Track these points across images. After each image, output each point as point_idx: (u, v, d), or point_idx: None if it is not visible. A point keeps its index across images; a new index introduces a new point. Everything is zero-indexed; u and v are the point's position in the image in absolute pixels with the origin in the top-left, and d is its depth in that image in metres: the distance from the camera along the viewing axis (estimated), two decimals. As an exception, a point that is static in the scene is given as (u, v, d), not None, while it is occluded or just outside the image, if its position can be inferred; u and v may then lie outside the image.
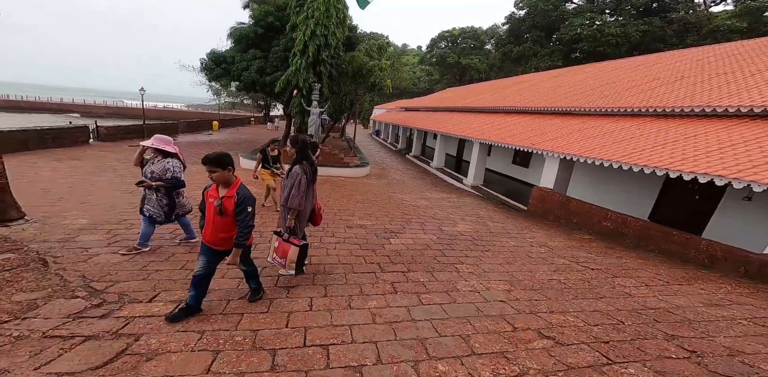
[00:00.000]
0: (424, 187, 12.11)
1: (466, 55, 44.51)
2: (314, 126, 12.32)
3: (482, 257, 4.91)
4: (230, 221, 2.65)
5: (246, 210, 2.60)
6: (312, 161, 3.71)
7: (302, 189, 3.48)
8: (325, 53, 12.06)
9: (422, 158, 19.57)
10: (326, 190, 9.43)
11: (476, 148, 11.84)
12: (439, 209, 8.14)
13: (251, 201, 2.65)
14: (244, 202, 2.60)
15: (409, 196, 9.73)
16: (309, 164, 3.63)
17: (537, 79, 17.85)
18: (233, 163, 2.64)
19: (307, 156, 3.63)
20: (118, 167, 10.69)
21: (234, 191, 2.61)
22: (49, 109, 49.40)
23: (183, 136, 23.28)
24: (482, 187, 12.02)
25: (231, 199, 2.59)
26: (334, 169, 12.19)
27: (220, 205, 2.57)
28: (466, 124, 14.16)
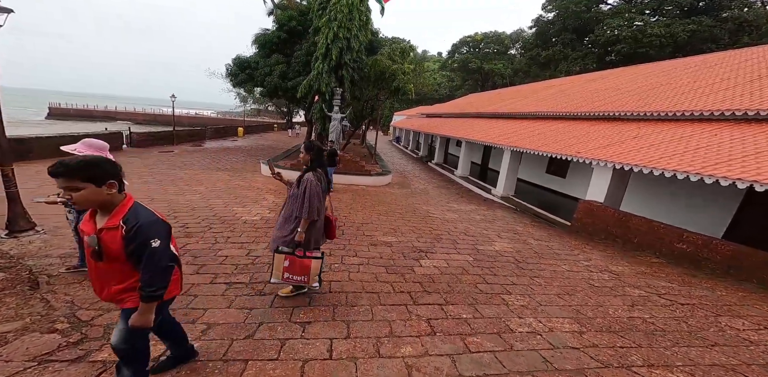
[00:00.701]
0: (449, 197, 11.36)
1: (490, 61, 43.57)
2: (335, 132, 11.91)
3: (533, 285, 4.14)
4: (123, 267, 1.64)
5: (148, 246, 1.57)
6: (326, 169, 3.24)
7: (316, 198, 2.96)
8: (348, 57, 11.70)
9: (445, 166, 18.79)
10: (347, 200, 8.89)
11: (507, 156, 11.01)
12: (470, 223, 7.37)
13: (156, 229, 1.62)
14: (139, 234, 1.56)
15: (435, 208, 9.02)
16: (323, 172, 3.13)
17: (571, 82, 16.79)
18: (118, 172, 1.65)
19: (322, 163, 3.17)
20: (144, 173, 10.64)
21: (119, 219, 1.58)
22: (96, 117, 52.29)
23: (210, 141, 23.69)
24: (513, 198, 11.12)
25: (115, 233, 1.56)
26: (355, 177, 11.67)
27: (96, 245, 1.55)
28: (495, 131, 13.34)
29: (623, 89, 11.07)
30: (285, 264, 3.02)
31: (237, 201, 7.62)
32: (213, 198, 7.63)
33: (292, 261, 3.01)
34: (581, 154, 7.07)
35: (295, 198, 2.99)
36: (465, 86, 50.64)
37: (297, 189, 3.00)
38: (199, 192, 8.28)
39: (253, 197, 8.19)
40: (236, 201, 7.61)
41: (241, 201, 7.56)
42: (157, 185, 8.77)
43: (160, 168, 11.86)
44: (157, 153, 15.70)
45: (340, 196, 9.35)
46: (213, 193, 8.22)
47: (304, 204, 2.90)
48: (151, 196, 7.36)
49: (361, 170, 12.09)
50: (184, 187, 8.83)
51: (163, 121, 51.18)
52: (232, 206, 7.07)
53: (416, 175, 16.25)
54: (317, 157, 3.12)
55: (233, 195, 8.24)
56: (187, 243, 4.62)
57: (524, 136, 10.89)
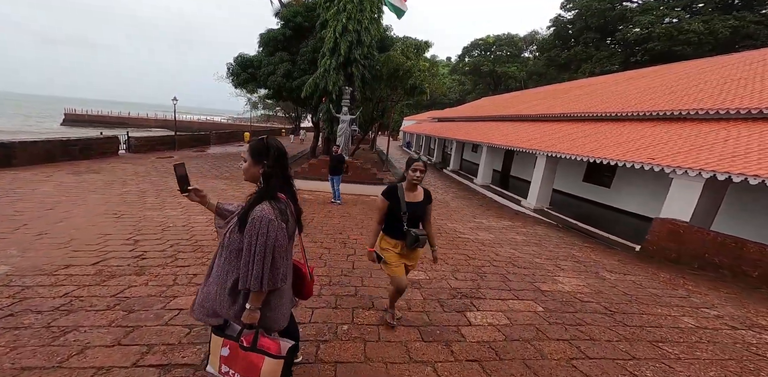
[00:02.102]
0: (474, 210, 9.86)
1: (502, 63, 42.16)
2: (344, 136, 10.59)
3: (664, 359, 2.60)
4: None
5: None
6: (293, 192, 1.69)
7: (280, 256, 1.51)
8: (358, 52, 10.44)
9: (462, 173, 17.30)
10: (357, 215, 7.48)
11: (542, 163, 9.50)
12: (513, 247, 5.87)
13: None
14: None
15: (462, 225, 7.54)
16: (290, 198, 1.64)
17: (603, 82, 15.24)
18: None
19: (287, 182, 1.64)
20: (132, 181, 9.47)
21: None
22: (110, 122, 51.89)
23: (214, 147, 22.75)
24: (549, 211, 9.57)
25: None
26: (366, 187, 10.28)
27: None
28: (522, 134, 11.86)
29: (677, 86, 9.51)
30: (223, 352, 1.59)
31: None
32: (196, 214, 6.31)
33: (233, 352, 1.57)
34: (657, 161, 5.54)
35: (236, 253, 1.52)
36: (476, 90, 49.25)
37: (239, 237, 1.51)
38: (183, 205, 6.98)
39: (245, 212, 6.85)
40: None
41: (229, 218, 6.22)
42: (136, 196, 7.52)
43: (150, 175, 10.69)
44: (155, 159, 14.64)
45: (349, 210, 7.96)
46: (198, 207, 6.90)
47: (254, 266, 1.44)
48: (120, 211, 6.06)
49: (372, 178, 10.71)
50: (168, 198, 7.56)
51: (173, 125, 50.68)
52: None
53: (431, 182, 14.78)
54: (276, 169, 1.57)
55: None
56: (131, 285, 3.24)
57: (561, 139, 9.38)
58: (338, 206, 8.31)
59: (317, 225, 6.33)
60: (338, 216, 7.27)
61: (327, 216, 7.12)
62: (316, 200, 8.85)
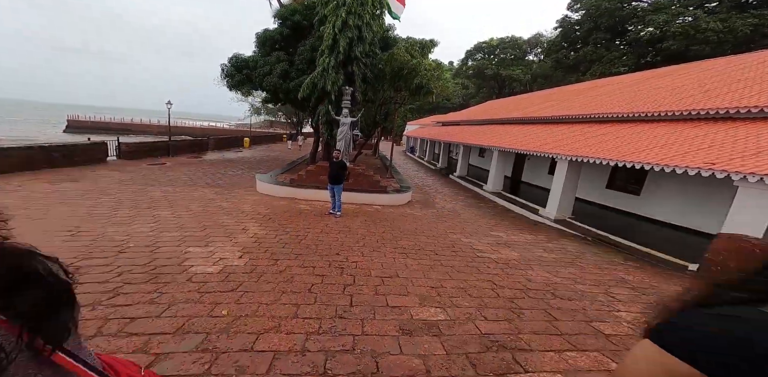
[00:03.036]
0: (488, 220, 8.91)
1: (507, 66, 41.51)
2: (344, 140, 9.71)
3: None
4: None
5: None
6: None
7: None
8: (359, 49, 9.63)
9: (469, 179, 16.36)
10: (358, 229, 6.55)
11: (563, 169, 8.57)
12: (546, 268, 4.92)
13: None
14: None
15: (479, 239, 6.59)
16: None
17: (620, 82, 14.36)
18: None
19: None
20: (111, 190, 8.66)
21: None
22: (112, 129, 51.09)
23: (212, 153, 22.01)
24: (572, 221, 8.60)
25: None
26: (369, 196, 9.37)
27: None
28: (536, 137, 10.96)
29: (712, 84, 8.59)
30: None
31: (203, 234, 5.38)
32: (169, 231, 5.43)
33: None
34: (720, 166, 4.60)
35: None
36: (480, 94, 48.57)
37: None
38: (157, 219, 6.11)
39: (229, 227, 5.94)
40: (201, 234, 5.37)
41: (207, 236, 5.32)
42: (107, 208, 6.66)
43: (134, 184, 9.87)
44: (146, 166, 13.87)
45: (350, 223, 7.04)
46: (175, 221, 6.03)
47: None
48: (79, 227, 5.19)
49: (375, 186, 9.81)
50: (144, 211, 6.69)
51: (178, 132, 49.99)
52: (189, 244, 4.82)
53: (438, 190, 13.87)
54: None
55: (203, 224, 6.02)
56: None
57: (583, 142, 8.46)
58: (337, 218, 7.40)
59: (311, 243, 5.42)
60: (336, 230, 6.36)
61: (324, 232, 6.21)
62: (312, 211, 7.95)
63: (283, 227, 6.31)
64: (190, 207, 7.32)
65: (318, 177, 9.50)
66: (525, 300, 3.74)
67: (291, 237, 5.71)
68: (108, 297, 3.04)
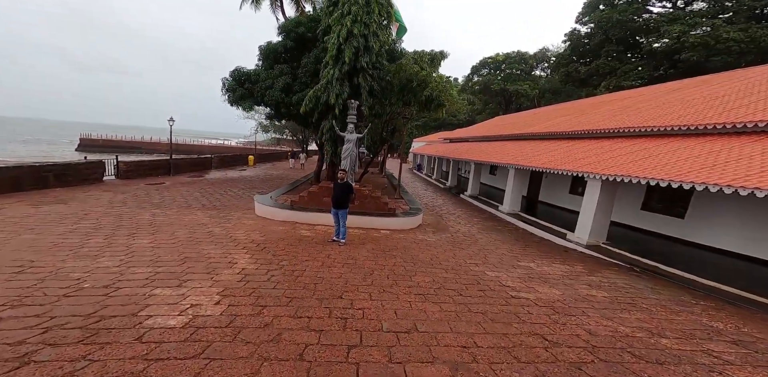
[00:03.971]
0: (511, 246, 7.89)
1: (513, 81, 41.31)
2: (349, 158, 8.96)
3: None
4: None
5: None
6: None
7: None
8: (365, 59, 9.05)
9: (482, 199, 15.39)
10: (365, 262, 5.61)
11: (595, 189, 7.61)
12: (603, 313, 3.88)
13: None
14: None
15: (507, 272, 5.59)
16: None
17: (642, 94, 13.58)
18: None
19: None
20: (96, 214, 7.95)
21: None
22: (122, 147, 51.68)
23: (215, 171, 21.53)
24: (607, 247, 7.54)
25: None
26: (376, 219, 8.46)
27: None
28: (555, 154, 10.08)
29: (763, 93, 7.72)
30: None
31: (179, 270, 4.49)
32: (140, 265, 4.56)
33: None
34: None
35: None
36: (487, 110, 48.30)
37: None
38: (131, 250, 5.27)
39: (213, 260, 5.06)
40: (177, 270, 4.48)
41: (184, 272, 4.43)
42: (80, 236, 5.87)
43: (124, 206, 9.16)
44: (143, 185, 13.27)
45: (355, 253, 6.10)
46: (151, 253, 5.17)
47: None
48: (33, 261, 4.36)
49: (383, 209, 8.91)
50: (120, 239, 5.87)
51: (186, 150, 50.39)
52: (158, 283, 3.94)
53: (450, 210, 12.90)
54: None
55: (184, 256, 5.16)
56: None
57: (619, 159, 7.53)
58: (341, 247, 6.48)
59: (309, 281, 4.49)
60: (340, 263, 5.43)
61: (325, 265, 5.29)
62: (314, 238, 7.05)
63: (278, 259, 5.41)
64: (175, 234, 6.49)
65: (321, 199, 8.67)
66: (596, 365, 2.72)
67: (285, 273, 4.80)
68: (7, 370, 2.13)
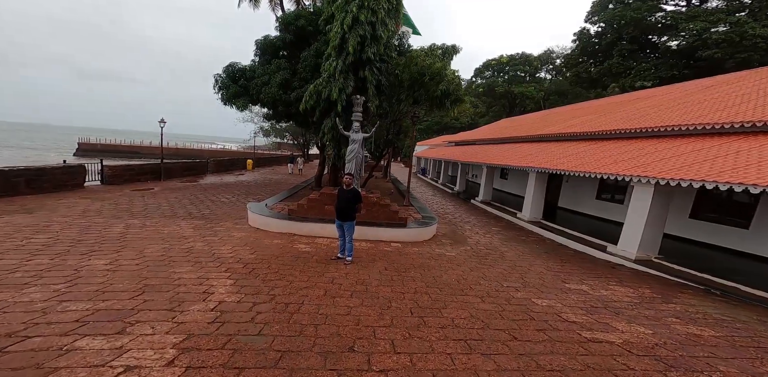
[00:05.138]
0: (544, 261, 6.71)
1: (518, 84, 40.41)
2: (354, 160, 7.83)
3: None
4: None
5: None
6: None
7: None
8: (372, 50, 7.98)
9: (495, 205, 14.24)
10: (381, 287, 4.42)
11: (645, 196, 6.47)
12: (737, 368, 2.71)
13: None
14: None
15: (560, 299, 4.42)
16: None
17: (670, 92, 12.53)
18: None
19: None
20: (60, 225, 6.82)
21: None
22: (121, 151, 50.79)
23: (211, 176, 20.45)
24: (661, 262, 6.37)
25: None
26: (385, 231, 7.32)
27: None
28: (586, 156, 8.98)
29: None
30: None
31: (130, 306, 3.32)
32: (79, 298, 3.41)
33: None
34: None
35: None
36: (491, 112, 47.32)
37: None
38: (78, 274, 4.12)
39: (183, 290, 3.90)
40: (128, 305, 3.31)
41: (135, 309, 3.27)
42: (21, 255, 4.72)
43: (99, 216, 8.04)
44: (129, 191, 12.17)
45: (365, 275, 4.93)
46: (101, 279, 3.99)
47: None
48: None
49: (393, 218, 7.75)
50: (71, 259, 4.72)
51: (185, 154, 49.36)
52: (89, 329, 2.78)
53: (463, 218, 11.74)
54: None
55: (144, 283, 4.00)
56: None
57: (674, 161, 6.40)
58: (348, 266, 5.33)
59: (307, 321, 3.33)
60: (348, 291, 4.26)
61: (329, 294, 4.12)
62: (315, 255, 5.89)
63: (269, 286, 4.25)
64: (144, 252, 5.34)
65: (323, 207, 7.52)
66: None
67: (277, 307, 3.64)
68: None
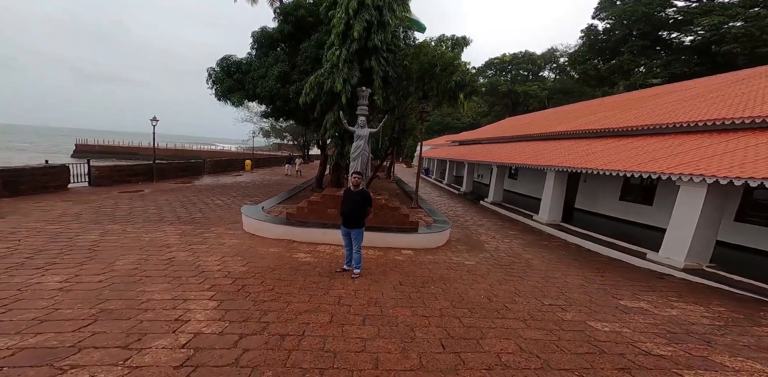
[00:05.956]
0: (580, 270, 5.90)
1: (521, 83, 39.69)
2: (360, 158, 7.05)
3: None
4: None
5: None
6: None
7: None
8: (379, 37, 7.21)
9: (507, 206, 13.46)
10: (399, 308, 3.58)
11: (696, 196, 5.68)
12: None
13: None
14: None
15: (627, 324, 3.60)
16: None
17: (694, 87, 11.78)
18: None
19: None
20: (27, 232, 6.02)
21: None
22: (119, 153, 49.66)
23: (208, 177, 19.68)
24: (715, 271, 5.58)
25: None
26: (396, 236, 6.51)
27: None
28: (611, 154, 8.20)
29: None
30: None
31: (69, 342, 2.49)
32: (5, 330, 2.58)
33: None
34: None
35: None
36: (493, 112, 46.58)
37: None
38: (19, 297, 3.31)
39: (149, 316, 3.08)
40: (66, 341, 2.48)
41: (74, 347, 2.44)
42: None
43: (75, 221, 7.25)
44: (116, 193, 11.38)
45: (377, 294, 4.10)
46: (42, 305, 3.18)
47: None
48: None
49: (403, 223, 6.94)
50: (20, 276, 3.91)
51: (184, 155, 48.57)
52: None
53: (475, 221, 10.93)
54: None
55: (99, 307, 3.19)
56: None
57: (725, 158, 5.61)
58: (356, 281, 4.52)
59: (309, 363, 2.52)
60: (358, 315, 3.45)
61: (335, 321, 3.31)
62: (316, 266, 5.08)
63: (261, 310, 3.45)
64: (115, 265, 4.53)
65: (325, 210, 6.71)
66: None
67: (269, 341, 2.83)
68: None
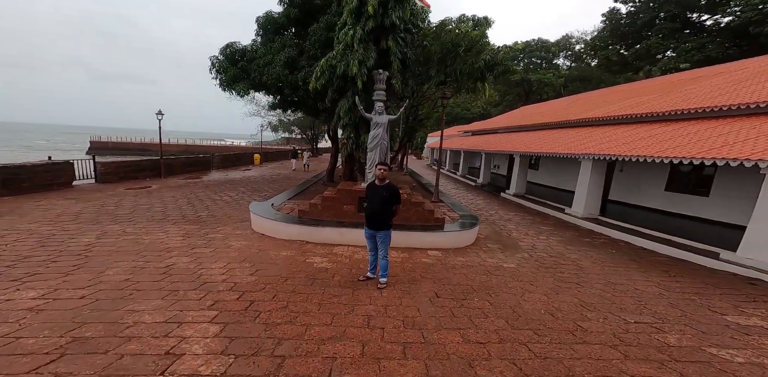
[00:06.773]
0: (648, 276, 5.13)
1: (535, 71, 38.10)
2: (379, 148, 6.34)
3: None
4: None
5: None
6: None
7: None
8: (396, 14, 6.37)
9: (531, 198, 12.64)
10: (444, 332, 2.90)
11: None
12: None
13: None
14: None
15: (757, 350, 2.84)
16: None
17: (741, 68, 10.68)
18: None
19: None
20: (18, 234, 5.53)
21: None
22: (132, 149, 50.24)
23: (217, 172, 19.23)
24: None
25: None
26: (420, 236, 5.81)
27: None
28: (664, 140, 7.30)
29: None
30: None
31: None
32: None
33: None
34: None
35: None
36: (505, 101, 45.04)
37: None
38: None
39: (133, 348, 2.46)
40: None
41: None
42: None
43: (75, 221, 6.77)
44: (122, 190, 10.94)
45: (412, 310, 3.42)
46: (9, 328, 2.59)
47: None
48: None
49: (428, 219, 6.22)
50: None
51: (195, 150, 48.82)
52: None
53: (501, 215, 10.14)
54: None
55: (73, 336, 2.59)
56: None
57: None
58: (384, 292, 3.85)
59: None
60: (396, 343, 2.78)
61: (367, 353, 2.65)
62: (335, 272, 4.43)
63: (274, 338, 2.81)
64: (104, 275, 3.96)
65: (341, 207, 6.04)
66: None
67: None
68: None
